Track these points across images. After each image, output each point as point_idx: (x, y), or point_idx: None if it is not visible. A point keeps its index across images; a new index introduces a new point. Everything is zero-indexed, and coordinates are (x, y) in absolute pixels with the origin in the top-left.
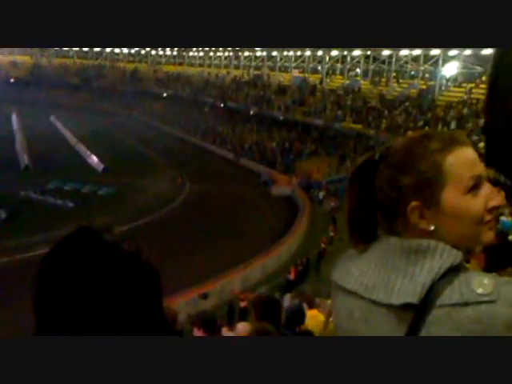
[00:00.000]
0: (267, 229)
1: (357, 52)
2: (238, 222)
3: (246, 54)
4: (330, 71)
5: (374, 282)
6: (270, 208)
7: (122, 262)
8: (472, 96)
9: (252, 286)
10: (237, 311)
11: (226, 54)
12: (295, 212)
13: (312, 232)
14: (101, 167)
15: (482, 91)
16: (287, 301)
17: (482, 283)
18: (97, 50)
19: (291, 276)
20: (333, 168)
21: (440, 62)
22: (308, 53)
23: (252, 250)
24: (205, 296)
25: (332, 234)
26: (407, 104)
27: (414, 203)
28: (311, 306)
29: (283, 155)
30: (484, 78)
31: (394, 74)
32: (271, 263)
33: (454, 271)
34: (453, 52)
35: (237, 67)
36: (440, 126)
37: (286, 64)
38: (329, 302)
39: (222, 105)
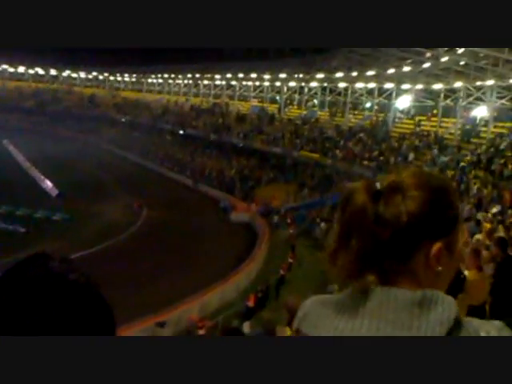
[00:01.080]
0: (226, 255)
1: (314, 84)
2: (197, 249)
3: (206, 82)
4: (288, 101)
5: None
6: (229, 235)
7: (71, 293)
8: (423, 128)
9: (210, 314)
10: None
11: (186, 81)
12: (254, 239)
13: (271, 259)
14: (55, 192)
15: (433, 123)
16: (246, 328)
17: (487, 331)
18: (53, 73)
19: (250, 303)
20: (291, 195)
21: (393, 95)
22: (267, 83)
23: (211, 277)
24: (162, 324)
25: (291, 260)
26: (362, 135)
27: (439, 244)
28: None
29: (242, 182)
30: (435, 111)
31: (349, 106)
32: (230, 290)
33: (456, 321)
34: (406, 86)
35: (196, 95)
36: (394, 157)
37: (245, 93)
38: (287, 329)
39: (180, 131)
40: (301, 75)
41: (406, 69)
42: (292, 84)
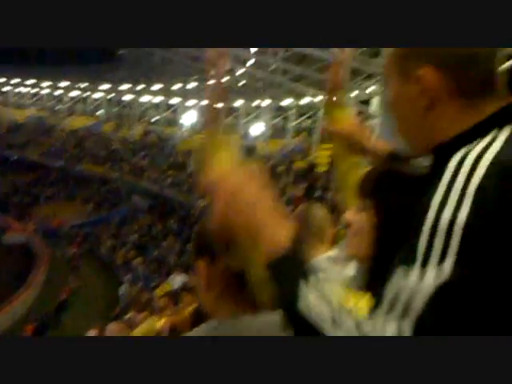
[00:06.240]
0: None
1: (99, 94)
2: None
3: None
4: (71, 111)
5: None
6: (1, 260)
7: None
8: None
9: None
10: None
11: None
12: (32, 262)
13: (52, 283)
14: None
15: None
16: None
17: None
18: None
19: (27, 333)
20: (76, 212)
21: (180, 110)
22: (46, 91)
23: None
24: None
25: (74, 283)
26: (149, 149)
27: None
28: None
29: (17, 199)
30: None
31: (136, 119)
32: (3, 321)
33: None
34: (191, 102)
35: None
36: (181, 172)
37: (21, 101)
38: None
39: None
40: (85, 84)
41: (192, 85)
42: (75, 93)
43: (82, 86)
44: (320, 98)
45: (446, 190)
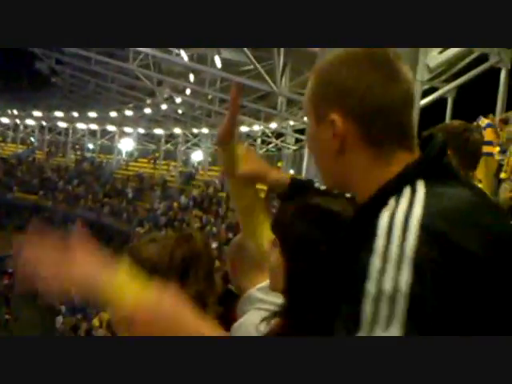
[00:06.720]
0: None
1: (31, 121)
2: None
3: None
4: (1, 139)
5: None
6: None
7: None
8: (146, 170)
9: None
10: None
11: None
12: None
13: None
14: None
15: (156, 166)
16: None
17: None
18: None
19: None
20: (7, 242)
21: (116, 137)
22: None
23: None
24: None
25: (7, 316)
26: (86, 176)
27: None
28: None
29: None
30: (157, 155)
31: (70, 146)
32: None
33: None
34: (128, 129)
35: None
36: (119, 199)
37: None
38: None
39: None
40: (15, 111)
41: (128, 113)
42: (5, 120)
43: (14, 112)
44: (256, 127)
45: (383, 257)
